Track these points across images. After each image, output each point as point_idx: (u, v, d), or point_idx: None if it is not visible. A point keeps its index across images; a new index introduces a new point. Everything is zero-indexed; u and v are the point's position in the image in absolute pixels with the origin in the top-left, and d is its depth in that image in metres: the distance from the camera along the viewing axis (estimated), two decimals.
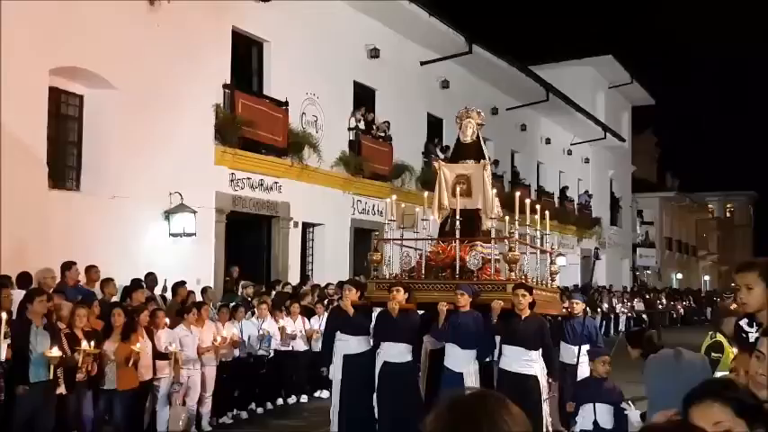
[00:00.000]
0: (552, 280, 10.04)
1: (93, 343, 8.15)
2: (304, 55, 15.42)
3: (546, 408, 8.22)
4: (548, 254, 10.03)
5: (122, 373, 8.61)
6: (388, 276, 9.47)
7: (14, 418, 7.56)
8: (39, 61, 10.60)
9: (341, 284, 10.89)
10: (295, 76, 15.29)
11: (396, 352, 8.65)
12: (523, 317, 8.06)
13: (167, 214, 12.39)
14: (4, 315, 7.23)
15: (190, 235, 12.44)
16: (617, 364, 7.88)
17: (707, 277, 53.56)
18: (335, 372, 9.00)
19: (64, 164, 11.70)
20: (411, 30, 18.68)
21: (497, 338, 8.39)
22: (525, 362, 8.06)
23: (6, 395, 7.46)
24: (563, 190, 30.41)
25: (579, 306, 9.78)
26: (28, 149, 10.52)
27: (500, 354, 8.32)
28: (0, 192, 9.72)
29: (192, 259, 12.55)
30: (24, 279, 9.18)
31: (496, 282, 8.64)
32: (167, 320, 9.71)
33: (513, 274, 8.58)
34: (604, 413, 6.50)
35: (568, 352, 9.46)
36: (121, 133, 11.88)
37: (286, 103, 14.81)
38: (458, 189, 9.15)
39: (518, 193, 9.55)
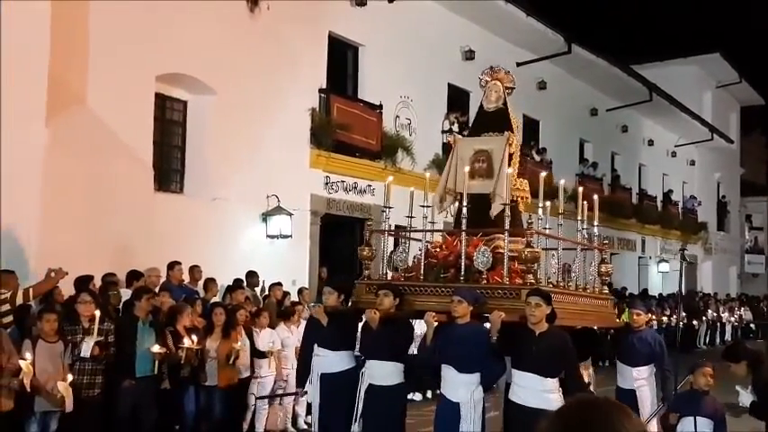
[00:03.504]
0: (603, 284, 7.92)
1: (194, 339, 8.42)
2: (398, 58, 15.59)
3: None
4: (596, 251, 8.03)
5: (223, 371, 8.91)
6: (379, 277, 7.72)
7: (118, 411, 7.88)
8: (145, 68, 11.03)
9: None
10: (389, 80, 15.47)
11: (380, 372, 6.89)
12: (538, 333, 6.26)
13: (265, 216, 12.70)
14: (98, 313, 7.56)
15: (286, 237, 12.73)
16: None
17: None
18: (314, 393, 7.30)
19: (169, 167, 12.15)
20: (507, 30, 18.60)
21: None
22: (540, 393, 6.16)
23: (109, 389, 7.75)
24: (667, 193, 29.60)
25: (641, 318, 8.07)
26: (135, 153, 10.93)
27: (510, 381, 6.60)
28: (109, 194, 10.26)
29: (287, 260, 12.84)
30: (132, 278, 9.50)
31: (508, 287, 6.64)
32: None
33: (530, 276, 6.71)
34: (704, 427, 6.23)
35: (624, 374, 7.97)
36: (222, 137, 12.22)
37: (380, 107, 15.00)
38: (475, 168, 7.43)
39: (543, 174, 7.98)
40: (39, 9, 8.88)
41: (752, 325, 28.16)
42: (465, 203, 7.10)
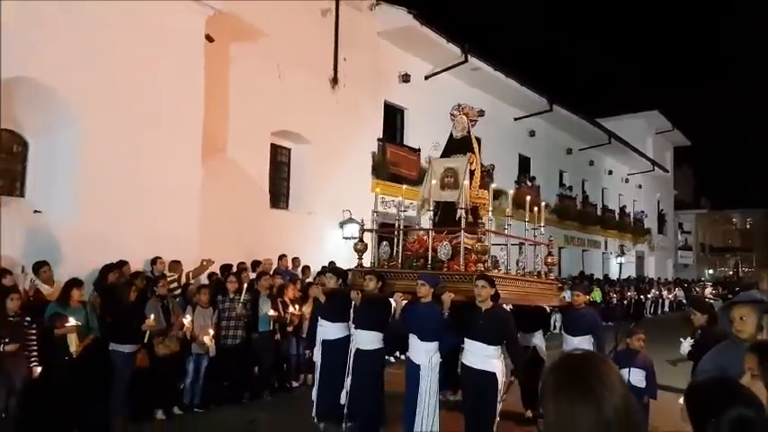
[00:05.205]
0: (549, 271, 7.21)
1: (296, 306, 8.64)
2: (431, 117, 15.48)
3: (499, 408, 5.56)
4: (543, 246, 7.18)
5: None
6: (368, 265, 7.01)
7: (250, 354, 8.10)
8: (264, 127, 11.27)
9: (323, 271, 8.51)
10: (425, 131, 15.36)
11: (364, 339, 6.23)
12: (484, 309, 5.54)
13: (341, 224, 12.73)
14: (245, 286, 7.87)
15: (356, 238, 12.83)
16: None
17: (730, 272, 49.56)
18: (317, 356, 6.71)
19: (279, 192, 12.24)
20: (507, 96, 18.55)
21: None
22: (485, 357, 5.53)
23: (247, 339, 7.94)
24: (622, 208, 29.06)
25: (581, 298, 7.16)
26: (257, 184, 11.16)
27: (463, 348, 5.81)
28: (240, 210, 10.54)
29: (356, 255, 12.98)
30: (255, 265, 9.70)
31: (462, 273, 5.99)
32: None
33: (481, 264, 5.96)
34: (637, 375, 5.78)
35: (569, 342, 6.98)
36: (313, 172, 12.36)
37: (419, 150, 15.00)
38: (444, 182, 6.85)
39: (493, 185, 6.93)
40: (196, 86, 9.14)
41: (683, 300, 27.40)
42: (433, 208, 6.54)
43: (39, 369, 5.94)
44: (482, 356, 5.53)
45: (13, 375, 5.74)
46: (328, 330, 6.59)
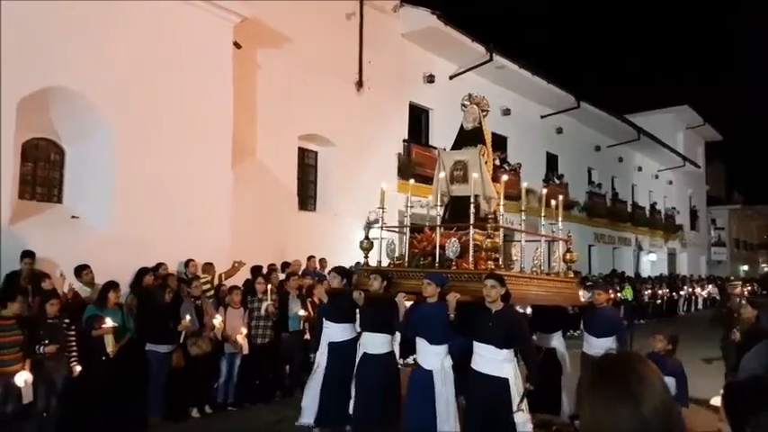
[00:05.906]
0: (569, 269, 6.62)
1: None
2: (456, 117, 15.45)
3: (521, 417, 4.95)
4: (561, 242, 6.65)
5: None
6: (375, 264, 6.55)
7: (280, 353, 8.05)
8: (291, 131, 11.39)
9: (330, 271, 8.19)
10: (450, 132, 15.14)
11: (371, 342, 5.82)
12: (494, 310, 5.06)
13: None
14: (270, 286, 7.86)
15: (383, 239, 12.84)
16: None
17: (766, 268, 48.10)
18: (320, 358, 6.25)
19: (306, 194, 12.35)
20: (533, 93, 18.40)
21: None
22: (496, 362, 5.01)
23: (275, 338, 7.93)
24: (653, 205, 28.48)
25: (602, 296, 6.62)
26: (286, 186, 11.28)
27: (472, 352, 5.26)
28: (270, 212, 10.68)
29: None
30: (284, 266, 9.73)
31: (472, 271, 5.46)
32: None
33: (491, 262, 5.40)
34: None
35: (590, 343, 6.49)
36: (340, 174, 12.42)
37: (444, 150, 15.04)
38: (454, 175, 6.38)
39: (504, 177, 6.02)
40: (225, 92, 9.31)
41: (717, 297, 26.72)
42: (440, 203, 6.16)
43: (79, 368, 6.11)
44: (493, 361, 5.04)
45: (54, 376, 5.92)
46: (333, 332, 6.22)
